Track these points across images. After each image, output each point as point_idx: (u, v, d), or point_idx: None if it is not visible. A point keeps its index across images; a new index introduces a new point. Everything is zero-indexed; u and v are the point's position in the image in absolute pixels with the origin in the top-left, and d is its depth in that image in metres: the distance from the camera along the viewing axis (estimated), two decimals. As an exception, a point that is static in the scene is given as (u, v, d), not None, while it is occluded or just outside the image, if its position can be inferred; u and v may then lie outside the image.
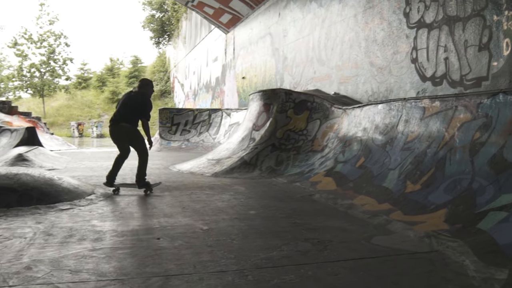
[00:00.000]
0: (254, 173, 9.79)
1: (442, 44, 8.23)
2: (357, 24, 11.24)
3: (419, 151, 6.77)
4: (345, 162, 8.35)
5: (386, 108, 8.19)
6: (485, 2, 7.24)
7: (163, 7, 43.66)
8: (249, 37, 20.23)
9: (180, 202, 6.81)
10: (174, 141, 19.25)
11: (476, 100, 6.18)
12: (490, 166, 5.30)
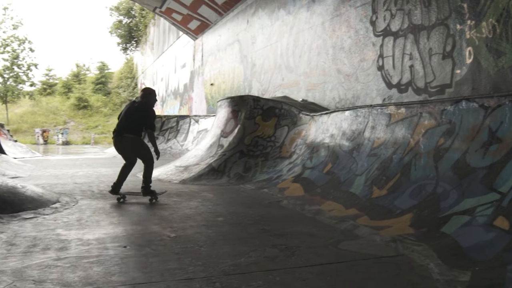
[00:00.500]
0: (222, 180, 9.76)
1: (408, 52, 8.39)
2: (325, 31, 11.36)
3: (385, 157, 6.87)
4: (313, 168, 8.41)
5: (353, 115, 8.29)
6: (448, 11, 7.42)
7: (130, 12, 43.25)
8: (218, 43, 20.22)
9: (147, 209, 6.74)
10: (140, 149, 19.01)
11: (440, 107, 6.31)
12: (454, 171, 5.42)
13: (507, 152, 4.90)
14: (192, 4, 19.92)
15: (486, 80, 6.70)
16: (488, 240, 4.09)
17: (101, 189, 8.68)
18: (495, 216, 4.33)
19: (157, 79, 35.11)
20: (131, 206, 6.95)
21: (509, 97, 5.26)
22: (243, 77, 17.23)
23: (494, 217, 4.33)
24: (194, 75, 24.28)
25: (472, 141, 5.48)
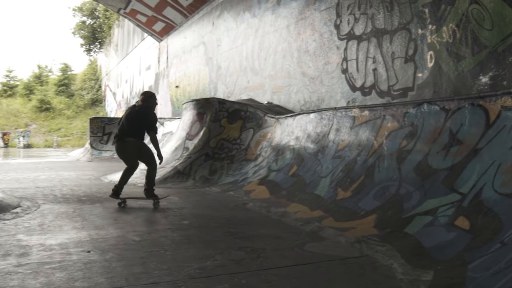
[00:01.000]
0: (187, 183, 9.70)
1: (371, 56, 8.52)
2: (290, 34, 11.43)
3: (349, 159, 6.95)
4: (278, 170, 8.44)
5: (318, 117, 8.36)
6: (410, 16, 7.57)
7: (94, 13, 42.58)
8: (183, 45, 20.10)
9: (111, 213, 6.63)
10: (106, 151, 18.75)
11: (403, 110, 6.43)
12: (416, 173, 5.52)
13: (467, 153, 5.02)
14: (157, 5, 19.75)
15: (446, 84, 6.86)
16: (450, 239, 4.18)
17: (64, 193, 8.50)
18: (456, 216, 4.43)
19: (122, 81, 34.65)
20: (95, 210, 6.83)
21: (469, 100, 5.40)
22: (208, 79, 17.17)
23: (455, 217, 4.43)
24: (159, 77, 24.06)
25: (433, 143, 5.60)
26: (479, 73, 6.31)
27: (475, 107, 5.28)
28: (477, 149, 4.94)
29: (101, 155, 18.42)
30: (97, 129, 19.25)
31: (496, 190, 4.32)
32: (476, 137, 5.04)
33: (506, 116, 4.81)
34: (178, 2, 18.46)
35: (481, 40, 6.29)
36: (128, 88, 32.35)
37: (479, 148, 4.92)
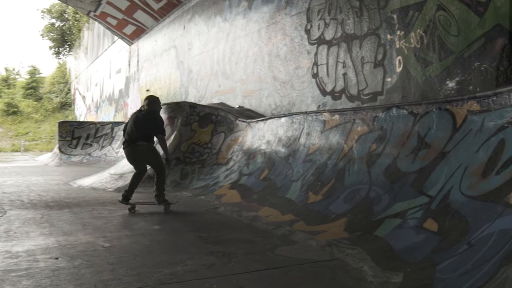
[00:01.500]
0: (158, 187, 9.60)
1: (341, 60, 8.60)
2: (261, 39, 11.46)
3: (320, 162, 6.99)
4: (250, 174, 8.44)
5: (289, 121, 8.40)
6: (379, 21, 7.68)
7: (63, 15, 41.85)
8: (154, 49, 19.95)
9: (80, 219, 6.51)
10: (75, 156, 18.45)
11: (372, 114, 6.51)
12: (386, 176, 5.60)
13: (435, 157, 5.11)
14: (127, 8, 19.56)
15: (415, 88, 6.97)
16: (418, 242, 4.24)
17: (32, 199, 8.32)
18: (425, 219, 4.50)
19: (91, 85, 34.15)
20: (63, 215, 6.70)
21: (436, 105, 5.51)
22: (179, 83, 17.07)
23: (424, 220, 4.50)
24: (129, 81, 23.82)
25: (402, 147, 5.68)
26: (446, 78, 6.44)
27: (442, 111, 5.38)
28: (444, 153, 5.03)
29: (70, 159, 18.12)
30: (66, 133, 18.93)
31: (463, 192, 4.41)
32: (444, 140, 5.14)
33: (472, 120, 4.92)
34: (149, 6, 18.32)
35: (448, 46, 6.42)
36: (98, 91, 31.90)
37: (447, 151, 5.02)
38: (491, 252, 3.39)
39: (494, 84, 5.74)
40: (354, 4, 8.28)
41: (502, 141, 4.39)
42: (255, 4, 11.81)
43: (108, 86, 28.69)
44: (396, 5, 7.32)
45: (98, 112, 31.23)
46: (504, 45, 5.67)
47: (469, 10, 6.12)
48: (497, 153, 4.36)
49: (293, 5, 10.16)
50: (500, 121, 4.55)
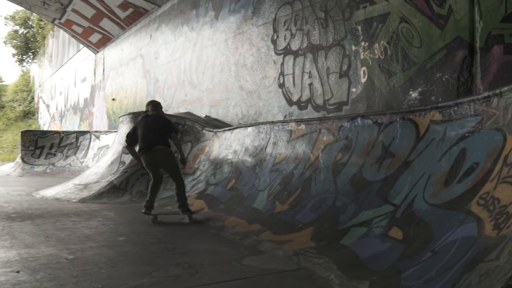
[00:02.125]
0: (124, 198, 9.48)
1: (307, 71, 8.69)
2: (228, 49, 11.48)
3: (286, 172, 7.02)
4: (216, 184, 8.41)
5: (256, 131, 8.42)
6: (344, 33, 7.79)
7: (27, 23, 41.00)
8: (120, 58, 19.74)
9: (43, 230, 6.35)
10: (38, 166, 18.01)
11: (338, 124, 6.59)
12: (351, 185, 5.66)
13: (399, 166, 5.20)
14: (93, 16, 19.32)
15: (379, 98, 7.09)
16: (384, 250, 4.30)
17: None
18: (390, 227, 4.56)
19: (56, 93, 33.51)
20: (25, 227, 6.53)
21: (400, 115, 5.61)
22: (146, 92, 16.93)
23: (389, 228, 4.56)
24: (95, 90, 23.48)
25: (367, 156, 5.76)
26: (409, 89, 6.57)
27: (405, 121, 5.49)
28: (408, 162, 5.12)
29: (33, 169, 17.68)
30: (29, 142, 18.49)
31: (427, 200, 4.49)
32: (407, 149, 5.24)
33: (435, 130, 5.03)
34: (115, 14, 18.15)
35: (411, 57, 6.56)
36: (62, 100, 31.31)
37: (410, 160, 5.11)
38: (454, 259, 3.46)
39: (455, 94, 5.89)
40: (319, 15, 8.39)
41: (463, 150, 4.50)
42: (222, 14, 11.83)
43: (73, 94, 28.21)
44: (361, 17, 7.45)
45: (63, 121, 30.66)
46: (465, 57, 5.83)
47: (430, 23, 6.28)
48: (458, 162, 4.47)
49: (259, 15, 10.22)
50: (461, 130, 4.66)
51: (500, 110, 4.26)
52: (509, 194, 3.53)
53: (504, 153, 3.93)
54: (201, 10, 12.99)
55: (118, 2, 17.17)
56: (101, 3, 17.92)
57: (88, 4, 18.51)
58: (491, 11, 5.55)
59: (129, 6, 17.01)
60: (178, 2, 14.47)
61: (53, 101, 34.69)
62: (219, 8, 11.98)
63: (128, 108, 18.32)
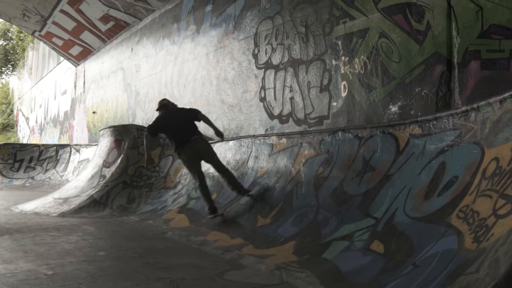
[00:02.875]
0: (104, 212, 9.38)
1: (288, 85, 8.74)
2: (209, 62, 11.50)
3: (268, 186, 7.03)
4: (198, 198, 8.36)
5: (237, 145, 8.42)
6: (325, 47, 7.87)
7: (7, 34, 40.55)
8: (101, 70, 19.64)
9: (22, 245, 6.24)
10: (17, 179, 17.74)
11: (319, 137, 6.63)
12: (333, 199, 5.68)
13: (380, 179, 5.24)
14: (74, 29, 19.21)
15: (359, 112, 7.16)
16: (366, 263, 4.31)
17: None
18: (371, 241, 4.59)
19: (36, 106, 33.13)
20: (3, 242, 6.40)
21: (380, 129, 5.68)
22: (127, 105, 16.84)
23: (371, 242, 4.58)
24: (75, 103, 23.28)
25: (348, 170, 5.80)
26: (389, 103, 6.65)
27: (386, 135, 5.55)
28: (389, 175, 5.17)
29: (11, 183, 17.41)
30: (7, 155, 18.24)
31: (408, 214, 4.53)
32: (388, 163, 5.29)
33: (414, 144, 5.10)
34: (96, 27, 18.07)
35: (390, 72, 6.65)
36: (42, 113, 30.97)
37: (391, 174, 5.16)
38: (435, 273, 3.49)
39: (434, 108, 5.97)
40: (300, 30, 8.47)
41: (442, 164, 4.56)
42: (203, 28, 11.87)
43: (53, 107, 27.93)
44: (341, 32, 7.54)
45: (42, 134, 30.30)
46: (443, 72, 5.93)
47: (409, 38, 6.38)
48: (438, 176, 4.52)
49: (240, 29, 10.28)
50: (440, 144, 4.73)
51: (478, 124, 4.33)
52: (488, 207, 3.58)
53: (482, 166, 4.00)
54: (182, 24, 13.02)
55: (99, 15, 17.12)
56: (82, 16, 17.85)
57: (69, 17, 18.42)
58: (467, 27, 5.67)
59: (110, 19, 16.96)
60: (159, 15, 14.48)
61: (32, 113, 34.30)
62: (201, 22, 12.02)
63: (109, 121, 18.20)
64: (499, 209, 3.43)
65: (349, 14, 7.40)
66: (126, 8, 15.61)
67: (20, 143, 28.71)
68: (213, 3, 11.48)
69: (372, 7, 6.96)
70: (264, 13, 9.52)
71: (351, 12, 7.35)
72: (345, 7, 7.48)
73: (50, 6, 18.20)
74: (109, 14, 16.62)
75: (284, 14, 8.90)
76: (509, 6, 5.24)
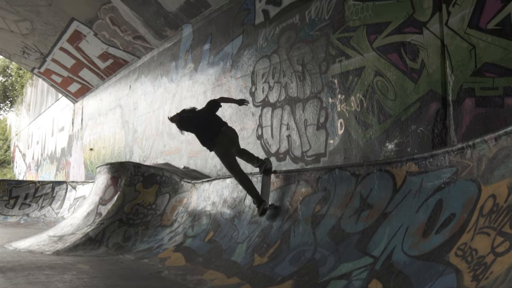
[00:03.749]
0: (99, 250, 9.26)
1: (285, 123, 8.79)
2: (207, 100, 11.50)
3: (265, 224, 6.97)
4: (194, 236, 8.30)
5: (234, 182, 8.39)
6: (321, 86, 7.96)
7: (6, 71, 40.98)
8: (99, 107, 19.76)
9: (15, 285, 6.13)
10: (12, 216, 17.57)
11: (316, 175, 6.62)
12: (330, 237, 5.63)
13: (377, 217, 5.21)
14: (73, 66, 19.45)
15: (356, 150, 7.18)
16: (363, 303, 4.24)
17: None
18: (370, 279, 4.52)
19: (33, 142, 33.17)
20: (-6, 283, 6.30)
21: (377, 166, 5.68)
22: (124, 142, 16.88)
23: (369, 280, 4.52)
24: (72, 139, 23.33)
25: (346, 208, 5.77)
26: (386, 140, 6.68)
27: (383, 173, 5.54)
28: (386, 213, 5.14)
29: (6, 220, 17.23)
30: (2, 192, 18.11)
31: (406, 252, 4.49)
32: (385, 201, 5.27)
33: (411, 181, 5.09)
34: (95, 64, 18.31)
35: (386, 110, 6.71)
36: (39, 149, 30.98)
37: (388, 212, 5.13)
38: (434, 313, 3.43)
39: (430, 146, 6.01)
40: (297, 68, 8.58)
41: (440, 201, 4.54)
42: (201, 66, 12.02)
43: (50, 144, 27.98)
44: (337, 71, 7.64)
45: (39, 170, 30.23)
46: (438, 109, 5.99)
47: (404, 76, 6.47)
48: (436, 213, 4.50)
49: (238, 68, 10.41)
50: (437, 181, 4.73)
51: (474, 161, 4.34)
52: (486, 245, 3.55)
53: (479, 203, 3.98)
54: (180, 62, 13.19)
55: (98, 53, 17.38)
56: (81, 53, 18.10)
57: (68, 54, 18.68)
58: (461, 65, 5.76)
59: (109, 57, 17.21)
60: (157, 54, 14.68)
61: (29, 150, 34.32)
62: (198, 60, 12.18)
63: (106, 158, 18.20)
64: (498, 247, 3.41)
65: (345, 53, 7.52)
66: (125, 47, 15.84)
67: (16, 179, 28.65)
68: (211, 42, 11.67)
69: (367, 46, 7.09)
70: (261, 52, 9.66)
71: (347, 51, 7.47)
72: (341, 46, 7.61)
73: (50, 43, 18.50)
74: (108, 52, 16.88)
75: (281, 53, 9.05)
76: (501, 45, 5.33)
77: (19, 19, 17.11)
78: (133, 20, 14.02)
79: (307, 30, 8.44)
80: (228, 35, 10.97)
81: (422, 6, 6.31)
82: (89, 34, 16.40)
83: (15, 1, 15.57)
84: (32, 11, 16.18)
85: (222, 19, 11.29)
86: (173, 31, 13.43)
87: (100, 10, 14.52)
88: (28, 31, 17.99)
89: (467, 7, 5.72)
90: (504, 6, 5.35)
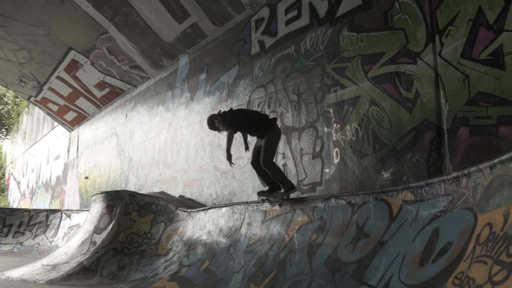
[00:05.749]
0: (94, 280, 9.14)
1: (281, 152, 8.81)
2: (203, 129, 11.63)
3: (261, 253, 6.93)
4: (190, 266, 8.21)
5: (230, 211, 8.37)
6: (317, 115, 8.02)
7: (3, 99, 41.11)
8: (94, 136, 19.77)
9: (4, 316, 6.05)
10: (5, 245, 17.36)
11: (312, 204, 6.61)
12: (327, 266, 5.60)
13: (374, 246, 5.19)
14: (69, 95, 19.53)
15: (352, 179, 7.20)
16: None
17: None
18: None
19: (28, 170, 33.02)
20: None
21: (373, 195, 5.68)
22: (119, 171, 16.83)
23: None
24: (68, 167, 23.25)
25: (342, 236, 5.75)
26: (381, 169, 6.71)
27: (379, 201, 5.55)
28: (382, 242, 5.13)
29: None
30: (-4, 220, 17.98)
31: (403, 281, 4.46)
32: (381, 230, 5.26)
33: (407, 210, 5.09)
34: (91, 93, 18.39)
35: (381, 139, 6.75)
36: (34, 177, 30.83)
37: (385, 240, 5.12)
38: None
39: (426, 174, 6.03)
40: (292, 98, 8.65)
41: (436, 230, 4.54)
42: (197, 95, 12.10)
43: (45, 172, 27.86)
44: (332, 100, 7.72)
45: (33, 198, 30.03)
46: (433, 138, 6.04)
47: (399, 106, 6.54)
48: (432, 242, 4.50)
49: (234, 97, 10.48)
50: (433, 210, 4.74)
51: (469, 190, 4.36)
52: (483, 274, 3.54)
53: (476, 232, 3.99)
54: (176, 91, 13.28)
55: (95, 82, 17.48)
56: (78, 82, 18.20)
57: (65, 83, 18.78)
58: (455, 94, 5.83)
59: (106, 86, 17.31)
60: (154, 83, 14.79)
61: (24, 178, 34.16)
62: (195, 89, 12.27)
63: (101, 186, 18.13)
64: (495, 276, 3.40)
65: (340, 82, 7.60)
66: (121, 76, 15.96)
67: (10, 207, 28.38)
68: (207, 71, 11.78)
69: (362, 76, 7.18)
70: (257, 82, 9.76)
71: (342, 81, 7.56)
72: (336, 76, 7.70)
73: (47, 72, 18.62)
74: (105, 81, 16.99)
75: (277, 82, 9.14)
76: (494, 75, 5.42)
77: (17, 48, 17.25)
78: (130, 50, 14.16)
79: (302, 61, 8.54)
80: (224, 65, 11.09)
81: (415, 37, 6.42)
82: (86, 63, 16.53)
83: (14, 30, 15.71)
84: (30, 40, 16.33)
85: (218, 49, 11.43)
86: (169, 61, 13.57)
87: (97, 40, 14.67)
88: (26, 60, 18.12)
89: (460, 38, 5.83)
90: (496, 36, 5.45)
